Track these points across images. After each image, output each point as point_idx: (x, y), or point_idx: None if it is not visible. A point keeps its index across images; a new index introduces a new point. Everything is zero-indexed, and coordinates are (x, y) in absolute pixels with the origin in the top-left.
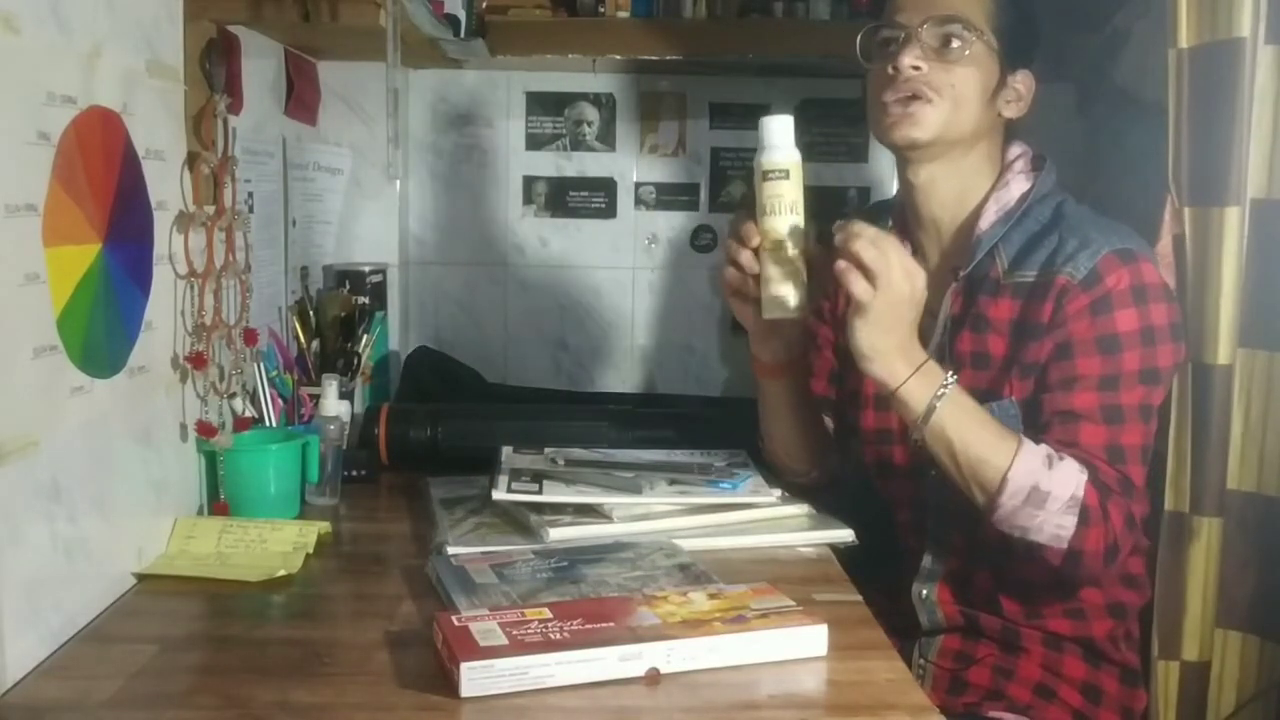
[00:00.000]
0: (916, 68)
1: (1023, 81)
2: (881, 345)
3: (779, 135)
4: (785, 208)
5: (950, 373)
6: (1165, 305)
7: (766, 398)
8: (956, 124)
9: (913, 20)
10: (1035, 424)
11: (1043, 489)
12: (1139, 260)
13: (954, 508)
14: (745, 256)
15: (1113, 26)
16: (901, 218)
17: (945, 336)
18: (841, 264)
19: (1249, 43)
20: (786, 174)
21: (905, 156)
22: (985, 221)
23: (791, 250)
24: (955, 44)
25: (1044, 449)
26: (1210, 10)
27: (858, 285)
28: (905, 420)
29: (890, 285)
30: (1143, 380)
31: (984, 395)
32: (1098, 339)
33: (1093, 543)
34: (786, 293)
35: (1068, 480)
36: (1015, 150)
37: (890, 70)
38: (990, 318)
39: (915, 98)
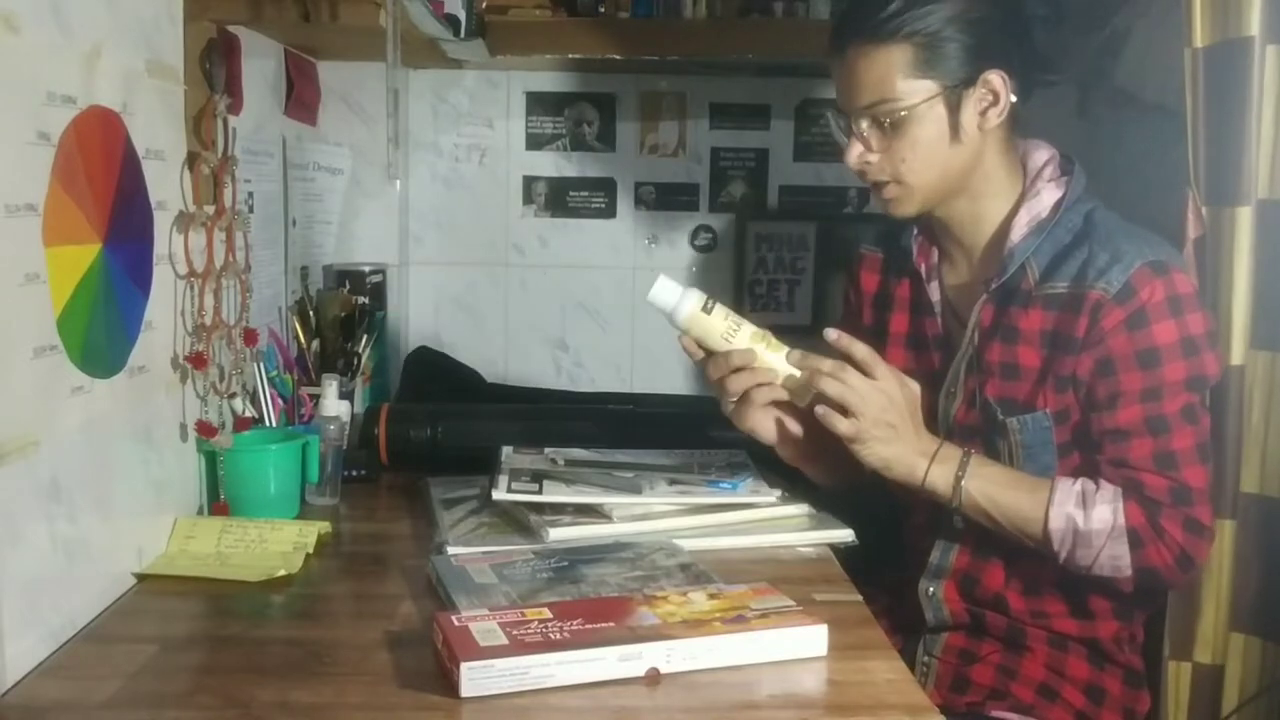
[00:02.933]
0: (867, 161)
1: (993, 83)
2: (890, 454)
3: (668, 296)
4: (730, 329)
5: (966, 449)
6: (1200, 314)
7: (805, 473)
8: (933, 183)
9: (848, 107)
10: (1088, 443)
11: (1082, 529)
12: (1171, 271)
13: None
14: (733, 381)
15: (1113, 26)
16: (928, 228)
17: (974, 347)
18: (819, 410)
19: (1258, 42)
20: (706, 309)
21: None
22: (1017, 234)
23: (769, 355)
24: (888, 125)
25: (1078, 487)
26: (1221, 9)
27: (840, 425)
28: (938, 502)
29: (868, 408)
30: (1188, 387)
31: (1016, 406)
32: (1138, 354)
33: (1155, 560)
34: (795, 378)
35: (1104, 513)
36: (1043, 155)
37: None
38: (1021, 329)
39: (883, 184)
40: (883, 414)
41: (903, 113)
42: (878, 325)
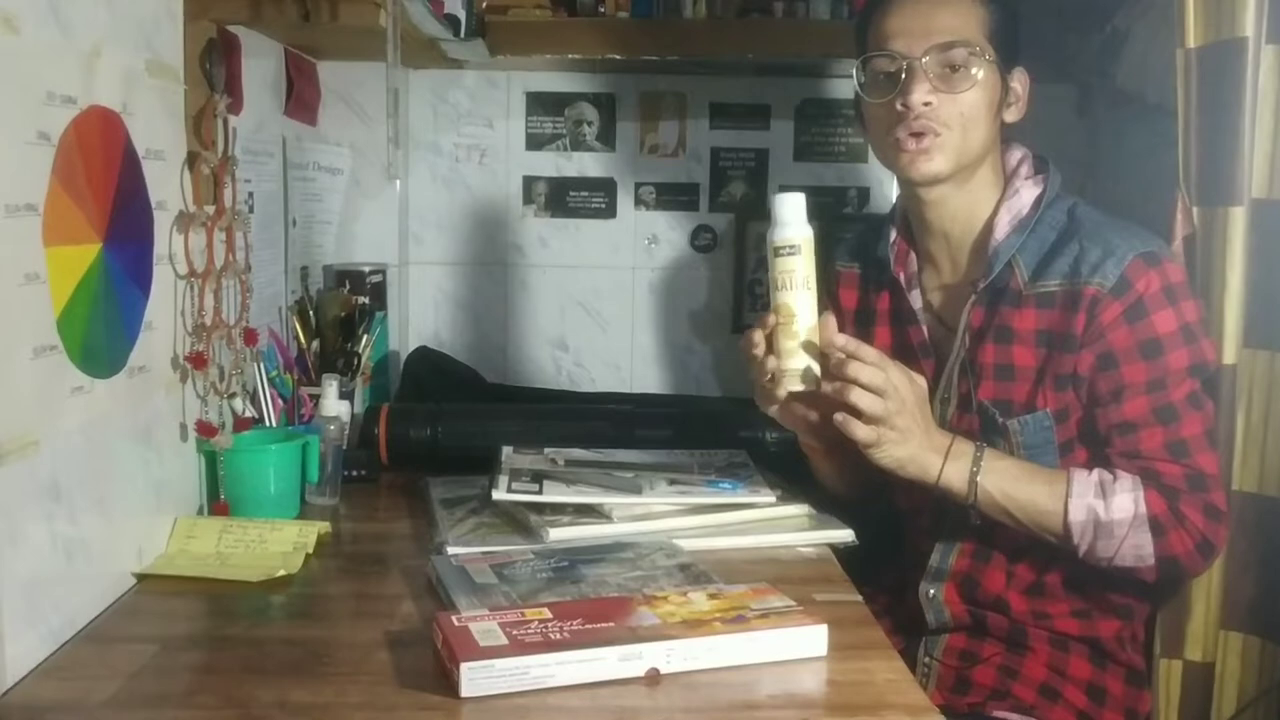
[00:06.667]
0: (928, 103)
1: (1019, 81)
2: (904, 454)
3: (790, 211)
4: (797, 283)
5: (979, 444)
6: (1193, 302)
7: (819, 471)
8: (970, 149)
9: (913, 49)
10: (1093, 439)
11: (1104, 519)
12: (1164, 261)
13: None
14: (761, 346)
15: (1113, 26)
16: (906, 226)
17: (965, 349)
18: (838, 417)
19: (1252, 42)
20: (797, 250)
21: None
22: (1000, 232)
23: (804, 324)
24: (961, 70)
25: (1095, 478)
26: (1215, 10)
27: (859, 432)
28: (954, 500)
29: (891, 424)
30: (1191, 374)
31: (1013, 408)
32: (1139, 345)
33: (1178, 547)
34: (800, 366)
35: (1125, 502)
36: (1016, 154)
37: (899, 107)
38: (1015, 329)
39: (927, 133)
40: (896, 415)
41: (980, 63)
42: (862, 340)
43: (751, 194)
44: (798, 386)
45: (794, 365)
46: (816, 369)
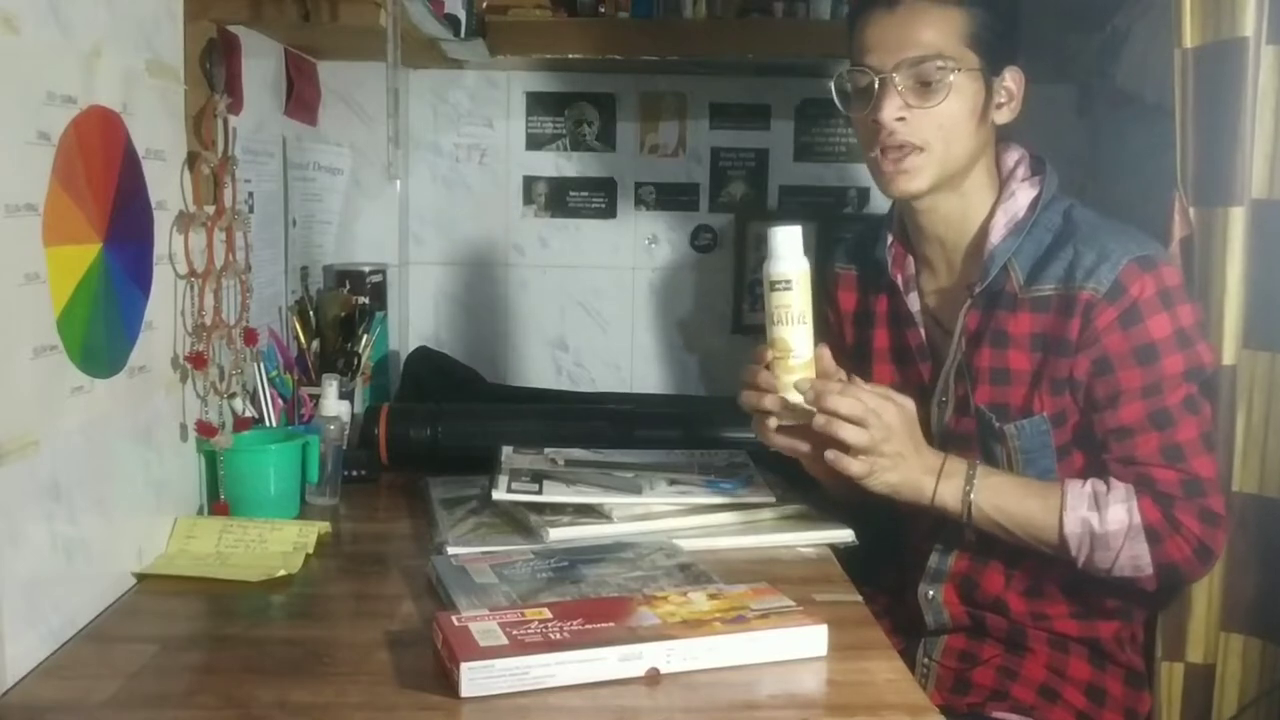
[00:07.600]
0: (900, 119)
1: (1012, 80)
2: (896, 479)
3: (785, 245)
4: (793, 317)
5: (971, 461)
6: (1190, 305)
7: (826, 487)
8: (952, 160)
9: (885, 63)
10: (1091, 444)
11: (1099, 531)
12: (1159, 265)
13: None
14: (762, 377)
15: (1113, 26)
16: (902, 231)
17: (962, 353)
18: (829, 455)
19: (1252, 42)
20: (791, 284)
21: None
22: (995, 235)
23: (799, 359)
24: (934, 83)
25: (1089, 490)
26: (1214, 10)
27: (853, 467)
28: (949, 518)
29: (879, 452)
30: (1187, 379)
31: (1010, 412)
32: (1134, 350)
33: (1175, 554)
34: (794, 400)
35: (1119, 513)
36: (1013, 156)
37: (871, 123)
38: (1010, 333)
39: (904, 148)
40: (883, 443)
41: (954, 74)
42: (860, 342)
43: (751, 194)
44: (791, 419)
45: (788, 399)
46: (800, 400)
